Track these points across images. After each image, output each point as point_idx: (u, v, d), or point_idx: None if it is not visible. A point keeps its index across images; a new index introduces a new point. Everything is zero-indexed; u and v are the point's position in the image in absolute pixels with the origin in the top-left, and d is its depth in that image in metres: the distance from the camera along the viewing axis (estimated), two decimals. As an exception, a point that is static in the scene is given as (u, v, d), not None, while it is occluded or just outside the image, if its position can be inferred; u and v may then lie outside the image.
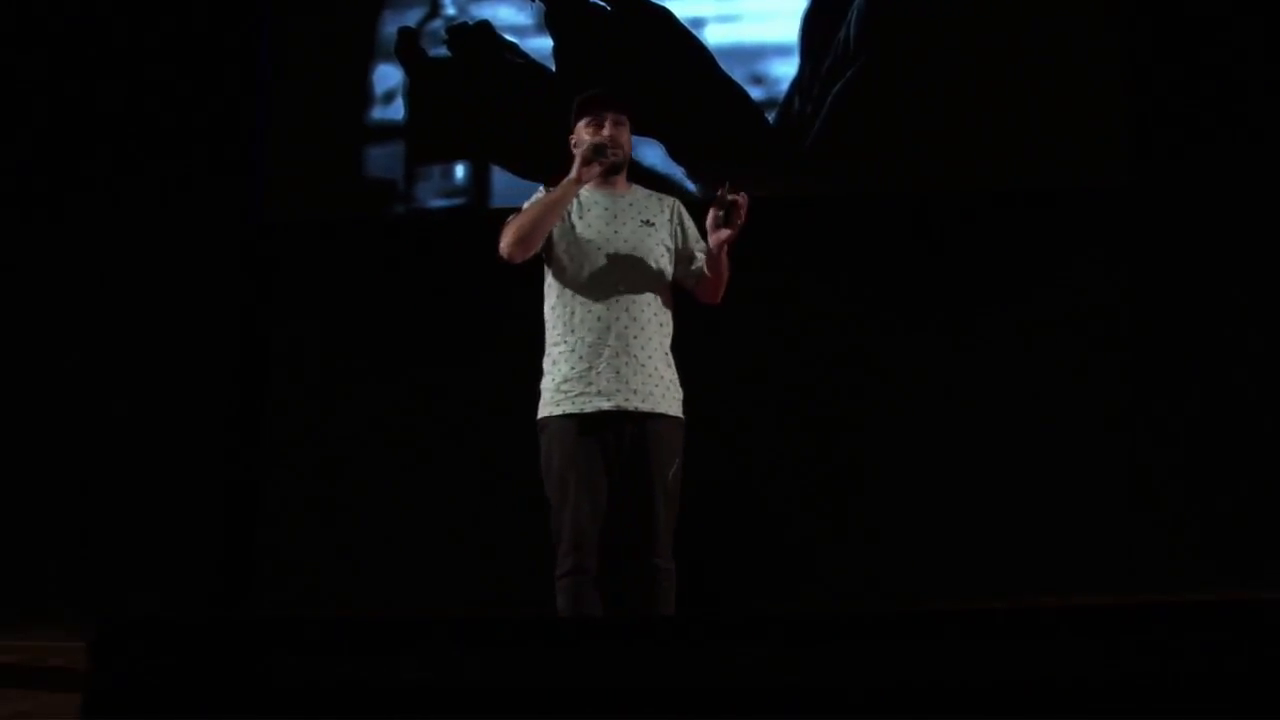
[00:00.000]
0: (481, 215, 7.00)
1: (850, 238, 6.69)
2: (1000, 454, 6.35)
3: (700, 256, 3.49)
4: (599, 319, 3.27)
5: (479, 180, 7.02)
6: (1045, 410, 6.38)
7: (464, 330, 6.90)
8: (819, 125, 6.92)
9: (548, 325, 3.42)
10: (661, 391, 3.30)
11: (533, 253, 3.37)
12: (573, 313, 3.32)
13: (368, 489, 6.77)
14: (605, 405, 3.24)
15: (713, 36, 7.00)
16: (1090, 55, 6.67)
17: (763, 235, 4.11)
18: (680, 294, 3.59)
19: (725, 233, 3.35)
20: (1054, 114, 6.62)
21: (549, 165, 6.85)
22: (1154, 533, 6.17)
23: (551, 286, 3.42)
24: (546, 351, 3.40)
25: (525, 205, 3.46)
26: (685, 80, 6.99)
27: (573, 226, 3.41)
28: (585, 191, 3.46)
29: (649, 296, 3.34)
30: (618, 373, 3.24)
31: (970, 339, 6.55)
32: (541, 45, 7.04)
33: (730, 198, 3.32)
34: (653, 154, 6.96)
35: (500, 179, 6.99)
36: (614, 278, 3.31)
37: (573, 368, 3.28)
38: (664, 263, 3.42)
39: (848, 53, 6.95)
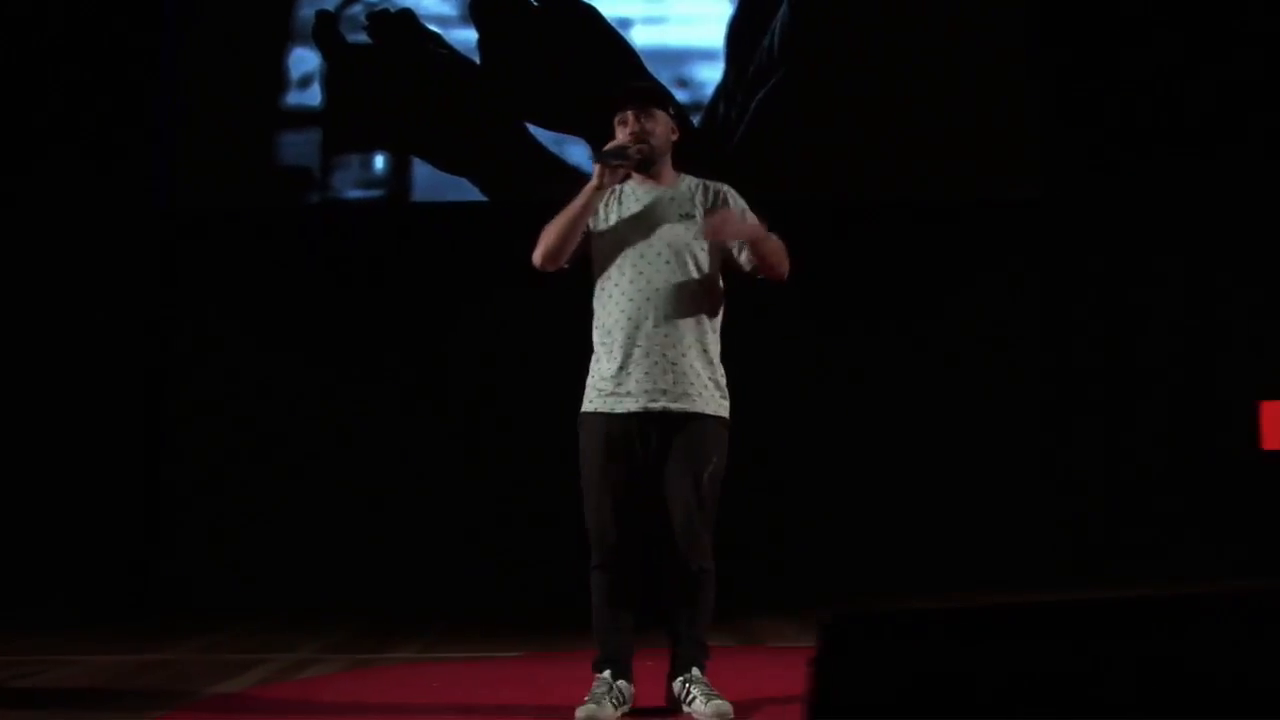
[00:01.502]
0: (402, 208, 6.88)
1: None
2: (922, 456, 6.52)
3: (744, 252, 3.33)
4: (630, 318, 3.19)
5: (399, 172, 6.86)
6: (963, 416, 6.59)
7: (378, 324, 6.74)
8: (743, 130, 6.99)
9: (593, 322, 3.34)
10: (698, 391, 3.20)
11: (565, 261, 3.29)
12: (608, 311, 3.25)
13: (274, 481, 6.56)
14: (633, 407, 3.18)
15: (639, 38, 7.00)
16: (1005, 74, 6.91)
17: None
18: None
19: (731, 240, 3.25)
20: (970, 130, 6.85)
21: (474, 159, 6.90)
22: (1073, 529, 6.46)
23: (594, 284, 3.33)
24: (594, 346, 3.33)
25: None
26: (612, 79, 6.96)
27: (609, 223, 3.31)
28: (629, 185, 3.35)
29: (684, 293, 3.21)
30: (647, 373, 3.17)
31: (889, 344, 6.71)
32: (466, 37, 6.92)
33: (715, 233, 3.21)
34: (578, 152, 6.93)
35: (422, 172, 6.84)
36: (646, 275, 3.21)
37: (608, 367, 3.22)
38: (703, 257, 3.27)
39: (771, 61, 7.04)
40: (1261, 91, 6.62)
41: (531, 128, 6.89)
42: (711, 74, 7.03)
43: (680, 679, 3.21)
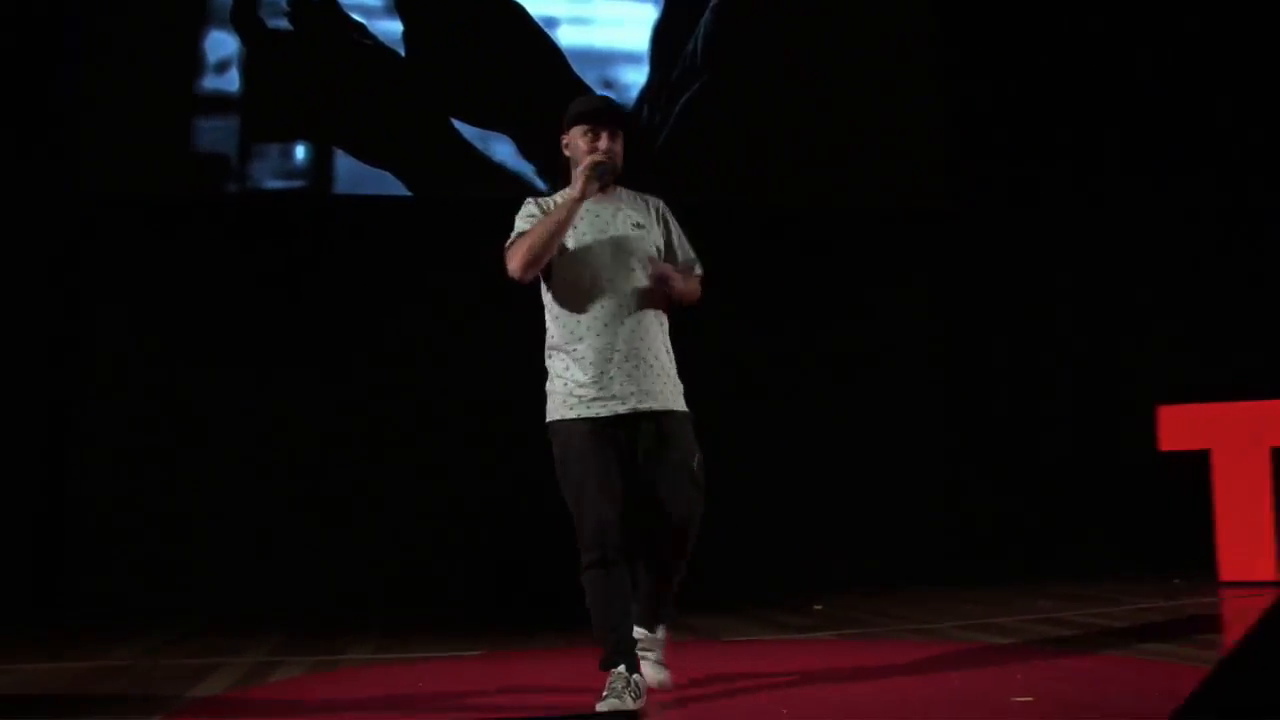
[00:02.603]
0: (323, 201, 6.74)
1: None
2: (824, 456, 6.78)
3: (680, 255, 3.50)
4: (605, 325, 3.28)
5: (321, 163, 6.71)
6: (865, 418, 6.89)
7: (297, 318, 6.59)
8: (666, 134, 7.12)
9: (550, 333, 3.38)
10: (671, 389, 3.34)
11: (540, 270, 3.32)
12: (578, 321, 3.30)
13: (180, 483, 6.34)
14: (621, 409, 3.25)
15: (565, 38, 7.04)
16: (914, 92, 7.27)
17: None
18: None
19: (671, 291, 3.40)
20: (880, 142, 7.17)
21: (398, 153, 6.80)
22: (964, 525, 6.82)
23: (552, 297, 3.37)
24: (552, 356, 3.36)
25: (520, 222, 3.38)
26: (537, 77, 6.99)
27: (571, 236, 3.35)
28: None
29: (649, 297, 3.34)
30: (629, 376, 3.26)
31: (798, 345, 6.96)
32: (391, 29, 6.83)
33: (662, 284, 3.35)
34: (503, 149, 6.93)
35: (344, 164, 6.72)
36: (614, 284, 3.30)
37: (585, 373, 3.27)
38: (654, 261, 3.38)
39: (695, 66, 7.19)
40: (1157, 110, 7.15)
41: (457, 124, 6.86)
42: (636, 77, 7.14)
43: (644, 631, 3.37)
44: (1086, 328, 7.16)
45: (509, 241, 3.34)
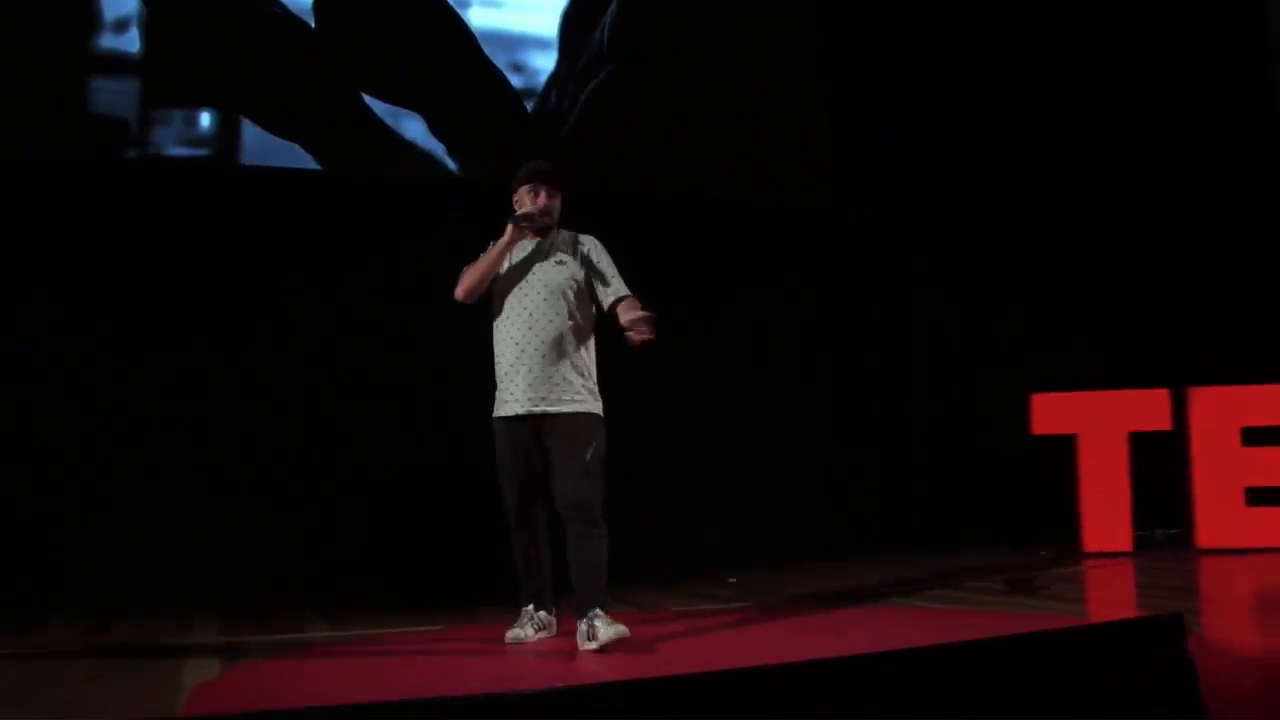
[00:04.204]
0: (229, 170, 6.51)
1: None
2: (710, 446, 7.06)
3: (602, 291, 4.19)
4: (515, 342, 4.09)
5: (227, 132, 6.48)
6: (750, 407, 7.23)
7: (197, 292, 6.35)
8: (572, 121, 7.24)
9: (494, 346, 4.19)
10: (570, 395, 4.06)
11: (479, 296, 4.20)
12: (500, 337, 4.14)
13: (77, 456, 6.03)
14: (519, 410, 4.05)
15: (477, 19, 7.03)
16: (800, 97, 7.66)
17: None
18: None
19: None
20: (773, 141, 7.52)
21: (307, 125, 6.63)
22: (845, 505, 7.28)
23: (493, 316, 4.19)
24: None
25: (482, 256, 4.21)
26: (448, 57, 6.97)
27: (503, 269, 4.19)
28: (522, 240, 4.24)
29: (558, 321, 4.09)
30: (529, 384, 4.03)
31: (689, 335, 7.20)
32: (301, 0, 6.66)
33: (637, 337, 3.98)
34: (414, 127, 6.88)
35: (252, 134, 6.51)
36: (528, 308, 4.10)
37: (500, 381, 4.12)
38: (572, 293, 4.15)
39: (601, 55, 7.33)
40: (1027, 119, 7.78)
41: (368, 99, 6.77)
42: (545, 62, 7.21)
43: (585, 620, 3.88)
44: (958, 319, 7.74)
45: (464, 269, 4.22)
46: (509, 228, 4.16)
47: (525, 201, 4.25)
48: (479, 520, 6.65)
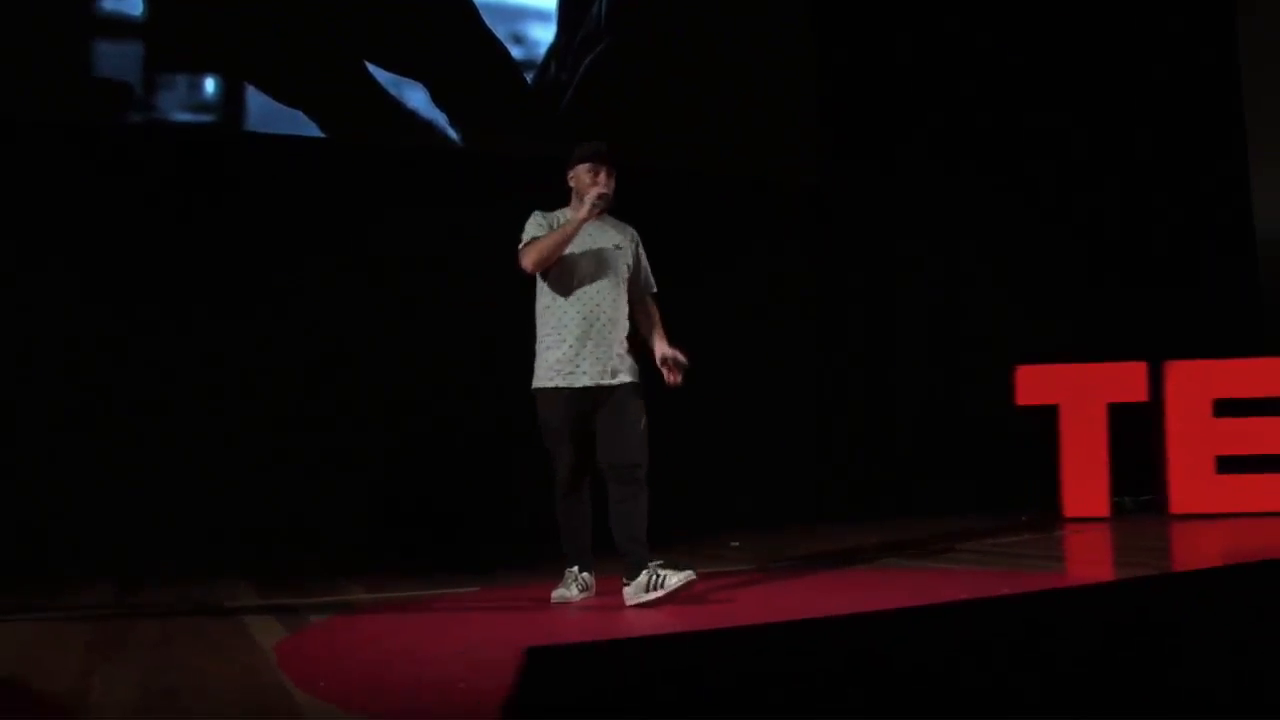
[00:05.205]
0: (233, 137, 6.48)
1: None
2: (701, 414, 7.19)
3: (642, 282, 4.55)
4: (584, 318, 4.29)
5: (232, 98, 6.44)
6: (740, 376, 7.40)
7: (199, 258, 6.33)
8: (571, 93, 7.31)
9: (539, 317, 4.38)
10: (627, 368, 4.34)
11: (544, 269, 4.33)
12: (567, 309, 4.31)
13: (71, 429, 6.00)
14: (588, 382, 4.26)
15: (478, -11, 7.07)
16: (794, 72, 7.82)
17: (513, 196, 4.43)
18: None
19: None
20: (764, 117, 7.68)
21: (311, 93, 6.60)
22: (835, 472, 7.52)
23: (545, 291, 4.37)
24: (539, 337, 4.37)
25: (531, 228, 4.36)
26: (450, 27, 6.99)
27: (569, 248, 4.34)
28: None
29: (620, 301, 4.38)
30: (597, 359, 4.27)
31: (686, 302, 7.34)
32: (307, -32, 6.62)
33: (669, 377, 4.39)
34: (416, 96, 6.90)
35: (256, 100, 6.48)
36: (594, 286, 4.32)
37: (564, 353, 4.27)
38: (624, 276, 4.45)
39: (599, 28, 7.40)
40: (1003, 100, 8.04)
41: (371, 67, 6.77)
42: (544, 34, 7.27)
43: (648, 571, 4.11)
44: (945, 292, 8.02)
45: (522, 244, 4.34)
46: (586, 206, 4.27)
47: (585, 180, 4.37)
48: (482, 488, 6.79)
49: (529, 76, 7.20)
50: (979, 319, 7.98)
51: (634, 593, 4.11)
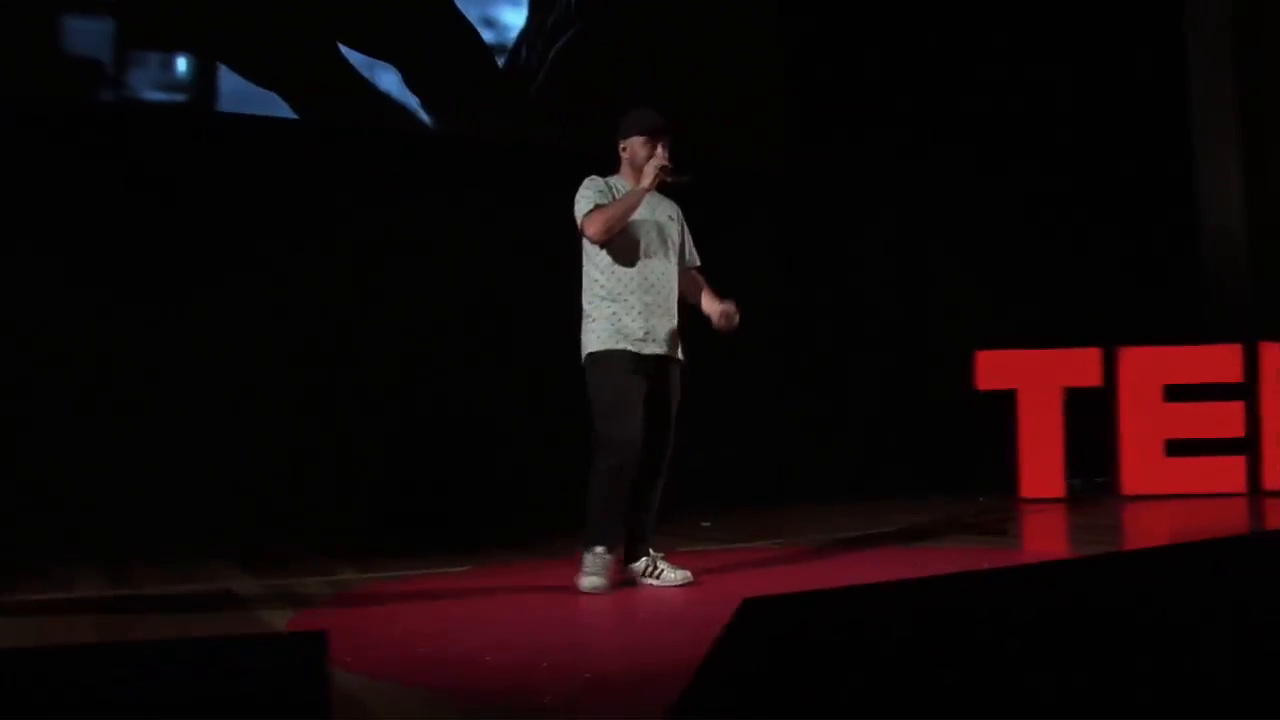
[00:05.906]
0: (206, 117, 6.42)
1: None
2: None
3: (689, 256, 4.52)
4: (651, 285, 4.21)
5: (204, 78, 6.38)
6: (709, 353, 7.49)
7: (170, 239, 6.28)
8: (542, 77, 7.34)
9: (595, 284, 4.22)
10: (681, 344, 4.33)
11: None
12: (630, 278, 4.19)
13: (39, 408, 5.93)
14: (659, 350, 4.20)
15: (451, -29, 7.06)
16: (760, 59, 7.93)
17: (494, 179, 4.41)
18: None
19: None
20: (730, 104, 7.78)
21: (284, 74, 6.55)
22: (799, 453, 7.69)
23: (602, 256, 4.21)
24: (594, 304, 4.21)
25: (589, 195, 4.18)
26: (422, 9, 6.98)
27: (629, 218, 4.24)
28: (625, 191, 4.25)
29: (673, 272, 4.32)
30: (666, 329, 4.22)
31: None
32: (277, -57, 6.56)
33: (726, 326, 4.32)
34: (389, 79, 6.88)
35: (229, 81, 6.42)
36: (656, 256, 4.26)
37: (633, 320, 4.16)
38: (677, 248, 4.41)
39: (570, 13, 7.44)
40: (965, 88, 8.24)
41: (345, 49, 6.74)
42: (515, 18, 7.28)
43: (645, 558, 4.21)
44: (908, 277, 8.21)
45: (585, 211, 4.16)
46: (650, 177, 4.15)
47: (640, 152, 4.25)
48: (469, 468, 6.83)
49: (500, 60, 7.22)
50: (941, 304, 8.19)
51: (646, 576, 4.21)
